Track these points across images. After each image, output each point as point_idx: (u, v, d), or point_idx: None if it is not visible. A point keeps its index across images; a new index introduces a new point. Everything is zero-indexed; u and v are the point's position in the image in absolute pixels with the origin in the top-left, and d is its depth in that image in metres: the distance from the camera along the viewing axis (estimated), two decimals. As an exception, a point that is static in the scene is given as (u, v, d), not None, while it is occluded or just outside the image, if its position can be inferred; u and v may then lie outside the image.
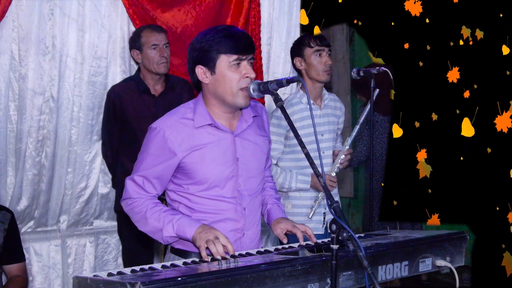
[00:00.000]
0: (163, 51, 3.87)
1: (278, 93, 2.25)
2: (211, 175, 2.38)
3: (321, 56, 3.49)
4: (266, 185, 2.68)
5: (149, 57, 3.87)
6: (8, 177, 3.85)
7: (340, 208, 1.94)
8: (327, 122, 3.59)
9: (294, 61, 3.59)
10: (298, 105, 3.53)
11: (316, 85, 3.53)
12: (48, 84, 3.83)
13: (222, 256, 2.18)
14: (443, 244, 2.44)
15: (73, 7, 3.86)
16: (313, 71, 3.50)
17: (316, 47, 3.48)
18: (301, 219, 3.46)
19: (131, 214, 2.43)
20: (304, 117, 3.50)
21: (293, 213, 3.50)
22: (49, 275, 4.05)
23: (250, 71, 2.34)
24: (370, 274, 1.84)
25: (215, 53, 2.32)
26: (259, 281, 1.89)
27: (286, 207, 3.53)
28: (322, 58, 3.49)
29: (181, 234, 2.33)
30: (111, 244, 4.26)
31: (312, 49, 3.49)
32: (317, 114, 3.56)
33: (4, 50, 3.70)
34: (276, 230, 2.51)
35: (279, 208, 2.62)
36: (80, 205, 4.07)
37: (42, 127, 3.85)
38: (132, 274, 1.93)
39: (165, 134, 2.35)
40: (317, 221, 3.54)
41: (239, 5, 4.41)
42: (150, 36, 3.87)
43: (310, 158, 2.09)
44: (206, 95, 2.42)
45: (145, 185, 2.40)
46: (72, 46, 3.88)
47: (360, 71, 3.49)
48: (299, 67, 3.56)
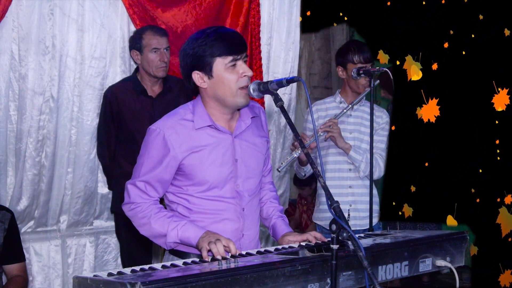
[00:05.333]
0: (164, 56, 3.86)
1: (278, 93, 2.25)
2: (210, 176, 2.38)
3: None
4: (269, 195, 2.67)
5: (149, 60, 3.86)
6: (8, 177, 3.85)
7: (340, 208, 1.94)
8: (358, 123, 3.68)
9: (336, 68, 3.72)
10: (331, 103, 3.74)
11: (354, 93, 3.66)
12: (48, 84, 3.83)
13: (223, 256, 2.18)
14: (443, 244, 2.44)
15: (73, 7, 3.85)
16: (353, 83, 3.64)
17: (359, 64, 3.58)
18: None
19: (134, 219, 2.43)
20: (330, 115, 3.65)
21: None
22: (49, 275, 4.05)
23: (246, 70, 2.34)
24: (370, 274, 1.84)
25: (210, 57, 2.32)
26: (259, 281, 1.89)
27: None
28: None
29: (185, 241, 2.33)
30: (111, 244, 4.26)
31: (355, 65, 3.59)
32: (348, 114, 3.66)
33: (4, 50, 3.69)
34: (283, 244, 2.49)
35: (284, 222, 2.61)
36: (80, 205, 4.06)
37: (42, 127, 3.85)
38: (132, 274, 1.93)
39: (165, 135, 2.35)
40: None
41: (239, 5, 4.41)
42: (151, 39, 3.85)
43: (310, 158, 2.10)
44: (205, 98, 2.41)
45: (147, 190, 2.39)
46: (72, 46, 3.88)
47: (360, 71, 3.50)
48: (341, 76, 3.70)
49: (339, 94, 3.74)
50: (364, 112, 3.70)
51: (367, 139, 3.60)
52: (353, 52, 3.59)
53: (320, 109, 3.72)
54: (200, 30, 2.40)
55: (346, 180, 3.61)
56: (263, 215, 2.64)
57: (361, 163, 3.55)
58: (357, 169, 3.59)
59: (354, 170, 3.61)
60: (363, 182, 3.63)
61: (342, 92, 3.73)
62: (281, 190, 4.79)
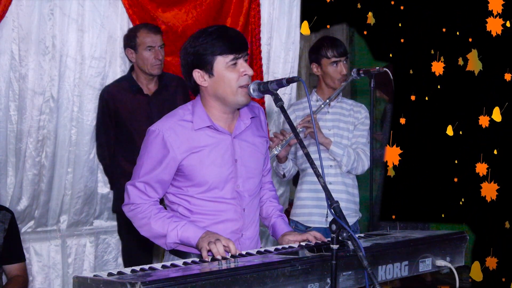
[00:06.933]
0: (158, 53, 3.86)
1: (278, 93, 2.25)
2: (210, 177, 2.37)
3: (337, 65, 3.55)
4: (269, 194, 2.67)
5: (144, 58, 3.85)
6: (8, 177, 3.85)
7: (340, 208, 1.94)
8: (336, 119, 3.62)
9: (311, 65, 3.67)
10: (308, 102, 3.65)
11: (330, 89, 3.60)
12: (48, 84, 3.83)
13: (222, 256, 2.18)
14: (443, 244, 2.44)
15: (73, 7, 3.86)
16: (328, 79, 3.58)
17: (333, 58, 3.55)
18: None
19: (134, 220, 2.43)
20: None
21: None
22: (49, 275, 4.04)
23: (247, 68, 2.34)
24: (370, 274, 1.84)
25: (211, 55, 2.31)
26: (259, 281, 1.89)
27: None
28: (338, 67, 3.55)
29: (185, 241, 2.33)
30: (111, 244, 4.26)
31: (329, 60, 3.55)
32: (325, 111, 3.61)
33: (4, 50, 3.70)
34: (283, 244, 2.49)
35: (284, 221, 2.61)
36: (80, 205, 4.06)
37: (42, 127, 3.85)
38: (132, 274, 1.93)
39: (164, 136, 2.35)
40: (320, 214, 3.53)
41: (239, 5, 4.42)
42: (146, 37, 3.85)
43: (310, 158, 2.09)
44: (205, 97, 2.41)
45: (147, 190, 2.39)
46: (72, 46, 3.88)
47: (360, 71, 3.49)
48: (316, 73, 3.65)
49: (315, 92, 3.68)
50: (342, 108, 3.64)
51: (347, 134, 3.58)
52: (326, 47, 3.55)
53: (297, 109, 3.67)
54: (202, 29, 2.39)
55: (327, 176, 3.51)
56: (262, 215, 2.64)
57: (342, 157, 3.48)
58: (338, 164, 3.52)
59: (335, 167, 3.55)
60: (343, 179, 3.57)
61: (318, 90, 3.66)
62: (281, 190, 4.79)
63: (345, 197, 3.53)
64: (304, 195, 3.60)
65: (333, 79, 3.56)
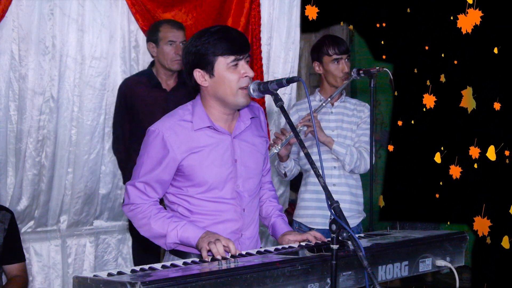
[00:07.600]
0: (179, 49, 3.83)
1: (278, 93, 2.24)
2: (210, 177, 2.37)
3: (339, 63, 3.55)
4: (268, 194, 2.67)
5: (164, 53, 3.85)
6: (8, 177, 3.85)
7: (340, 208, 1.93)
8: (340, 120, 3.62)
9: (313, 64, 3.67)
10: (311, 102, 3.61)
11: (333, 88, 3.60)
12: (48, 84, 3.83)
13: (222, 256, 2.18)
14: (443, 244, 2.44)
15: (73, 7, 3.86)
16: (330, 77, 3.58)
17: (334, 56, 3.54)
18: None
19: (134, 220, 2.43)
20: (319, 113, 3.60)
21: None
22: (49, 275, 4.05)
23: (248, 70, 2.34)
24: (370, 274, 1.84)
25: (212, 55, 2.31)
26: (259, 281, 1.89)
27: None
28: (339, 65, 3.55)
29: (185, 241, 2.33)
30: (111, 244, 4.26)
31: (331, 57, 3.54)
32: (328, 111, 3.61)
33: (4, 50, 3.70)
34: (283, 243, 2.49)
35: (283, 221, 2.61)
36: (80, 205, 4.07)
37: (42, 127, 3.85)
38: (132, 274, 1.93)
39: (164, 136, 2.35)
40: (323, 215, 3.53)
41: (240, 6, 4.42)
42: (168, 32, 3.85)
43: (310, 158, 2.09)
44: (205, 97, 2.41)
45: (147, 190, 2.39)
46: (72, 46, 3.88)
47: (360, 71, 3.49)
48: (318, 71, 3.64)
49: (318, 92, 3.67)
50: (346, 108, 3.63)
51: (350, 135, 3.57)
52: (328, 45, 3.55)
53: (300, 109, 3.65)
54: (205, 28, 2.39)
55: (330, 178, 3.51)
56: (262, 214, 2.64)
57: (345, 156, 3.46)
58: (342, 163, 3.50)
59: (339, 168, 3.53)
60: (346, 180, 3.55)
61: (321, 90, 3.65)
62: (281, 190, 4.79)
63: (349, 198, 3.53)
64: (308, 196, 3.60)
65: (335, 77, 3.55)
